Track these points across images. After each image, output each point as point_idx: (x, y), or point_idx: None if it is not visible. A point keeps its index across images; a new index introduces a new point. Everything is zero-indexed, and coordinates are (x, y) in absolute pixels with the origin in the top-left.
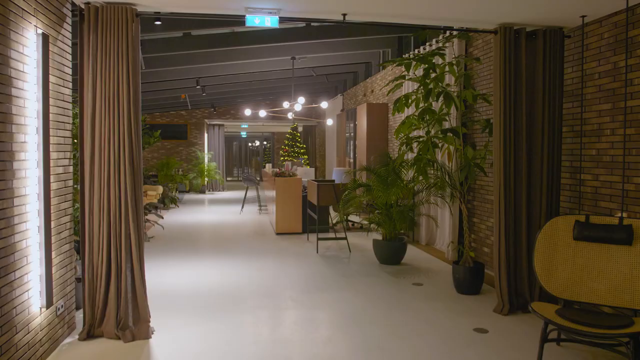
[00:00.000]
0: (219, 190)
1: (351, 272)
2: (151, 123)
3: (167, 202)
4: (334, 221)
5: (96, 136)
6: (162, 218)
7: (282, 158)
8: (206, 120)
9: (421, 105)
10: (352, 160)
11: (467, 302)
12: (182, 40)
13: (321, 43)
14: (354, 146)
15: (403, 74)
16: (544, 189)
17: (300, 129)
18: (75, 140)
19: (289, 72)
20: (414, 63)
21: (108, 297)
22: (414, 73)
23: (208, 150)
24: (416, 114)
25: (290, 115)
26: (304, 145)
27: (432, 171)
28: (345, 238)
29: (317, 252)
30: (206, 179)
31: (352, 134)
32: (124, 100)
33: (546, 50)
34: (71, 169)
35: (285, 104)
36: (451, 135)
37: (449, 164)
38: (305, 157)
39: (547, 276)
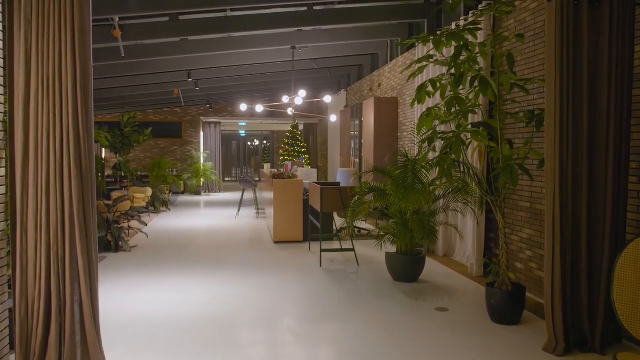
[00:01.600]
0: (216, 192)
1: (361, 292)
2: (144, 120)
3: (157, 205)
4: (339, 228)
5: (31, 128)
6: (146, 225)
7: (281, 157)
8: (202, 117)
9: (448, 93)
10: (357, 160)
11: (506, 335)
12: (169, 25)
13: (324, 31)
14: (360, 145)
15: (429, 53)
16: (609, 196)
17: (300, 127)
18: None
19: (289, 64)
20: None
21: (48, 342)
22: (442, 54)
23: (204, 150)
24: (440, 105)
25: (290, 111)
26: (305, 144)
27: (455, 173)
28: (353, 249)
29: (321, 266)
30: (202, 179)
31: (357, 131)
32: (69, 80)
33: (613, 22)
34: (3, 171)
35: (285, 99)
36: (483, 130)
37: (480, 165)
38: (307, 156)
39: (631, 316)
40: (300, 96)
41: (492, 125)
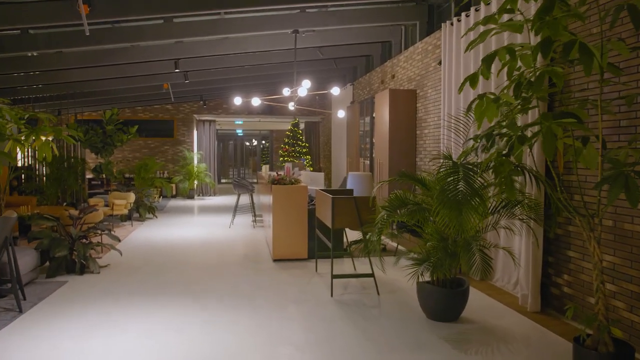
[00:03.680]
0: (210, 195)
1: (389, 339)
2: (132, 118)
3: (142, 212)
4: (350, 242)
5: None
6: (119, 240)
7: (281, 158)
8: (195, 115)
9: (516, 72)
10: (367, 162)
11: None
12: (147, 0)
13: (330, 12)
14: (371, 144)
15: (498, 12)
16: None
17: (301, 126)
18: None
19: (290, 54)
20: None
21: None
22: (518, 11)
23: (198, 150)
24: (506, 90)
25: (291, 106)
26: (307, 144)
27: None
28: (372, 275)
29: (332, 296)
30: (195, 182)
31: (367, 129)
32: None
33: None
34: None
35: (286, 91)
36: (576, 122)
37: (560, 171)
38: (308, 157)
39: None
40: (305, 86)
41: (579, 116)
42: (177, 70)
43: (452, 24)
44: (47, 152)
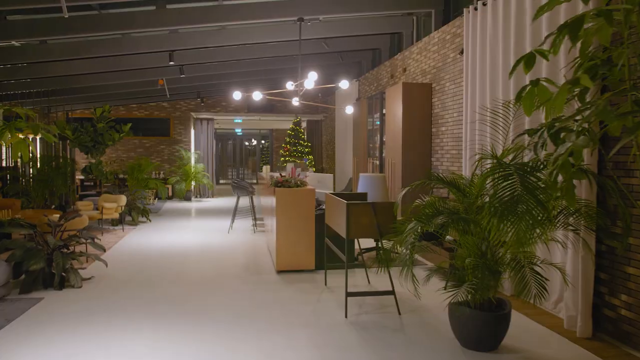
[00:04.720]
0: (208, 197)
1: None
2: (127, 117)
3: (134, 215)
4: (362, 249)
5: None
6: (104, 250)
7: (282, 158)
8: (192, 113)
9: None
10: (377, 162)
11: None
12: None
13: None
14: (381, 143)
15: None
16: None
17: (303, 125)
18: None
19: (292, 46)
20: None
21: None
22: None
23: (195, 149)
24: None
25: (295, 101)
26: (309, 143)
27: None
28: (393, 292)
29: (346, 317)
30: (192, 183)
31: (376, 127)
32: None
33: None
34: None
35: (289, 85)
36: None
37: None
38: (310, 157)
39: None
40: (311, 79)
41: None
42: (171, 63)
43: (475, 8)
44: (23, 150)
